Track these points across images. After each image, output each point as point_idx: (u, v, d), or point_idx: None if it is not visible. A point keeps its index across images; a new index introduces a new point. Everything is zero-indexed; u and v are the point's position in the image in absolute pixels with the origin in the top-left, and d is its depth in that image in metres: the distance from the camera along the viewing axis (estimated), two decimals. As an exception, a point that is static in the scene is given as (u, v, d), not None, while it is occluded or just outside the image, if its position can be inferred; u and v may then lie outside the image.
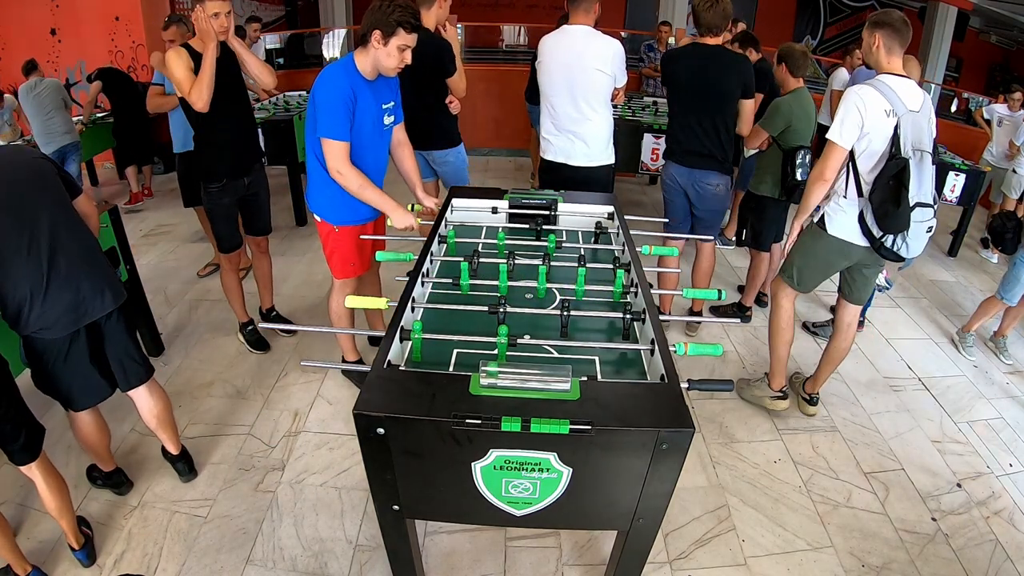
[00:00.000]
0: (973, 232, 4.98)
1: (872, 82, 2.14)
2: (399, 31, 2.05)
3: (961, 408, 2.89)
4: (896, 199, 2.11)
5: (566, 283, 1.81)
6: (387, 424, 1.20)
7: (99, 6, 5.73)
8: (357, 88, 2.14)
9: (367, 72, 2.16)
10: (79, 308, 1.81)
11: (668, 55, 2.97)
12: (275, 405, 2.67)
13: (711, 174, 2.90)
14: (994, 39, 10.75)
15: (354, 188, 2.20)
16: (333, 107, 2.10)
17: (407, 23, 2.06)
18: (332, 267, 2.51)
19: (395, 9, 2.04)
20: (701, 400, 2.78)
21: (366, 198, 2.23)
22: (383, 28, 2.04)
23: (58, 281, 1.75)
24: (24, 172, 1.78)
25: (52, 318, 1.76)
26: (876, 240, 2.23)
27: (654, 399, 1.27)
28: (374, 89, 2.21)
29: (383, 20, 2.03)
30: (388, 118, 2.34)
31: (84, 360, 1.88)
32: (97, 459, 2.15)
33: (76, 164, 4.60)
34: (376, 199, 2.24)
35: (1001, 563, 2.08)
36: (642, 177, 5.81)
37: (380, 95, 2.26)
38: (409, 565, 1.61)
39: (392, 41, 2.07)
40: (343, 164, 2.15)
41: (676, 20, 7.33)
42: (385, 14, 2.04)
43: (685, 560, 2.02)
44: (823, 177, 2.24)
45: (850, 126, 2.13)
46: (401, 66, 2.15)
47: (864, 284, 2.50)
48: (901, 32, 2.13)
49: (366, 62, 2.15)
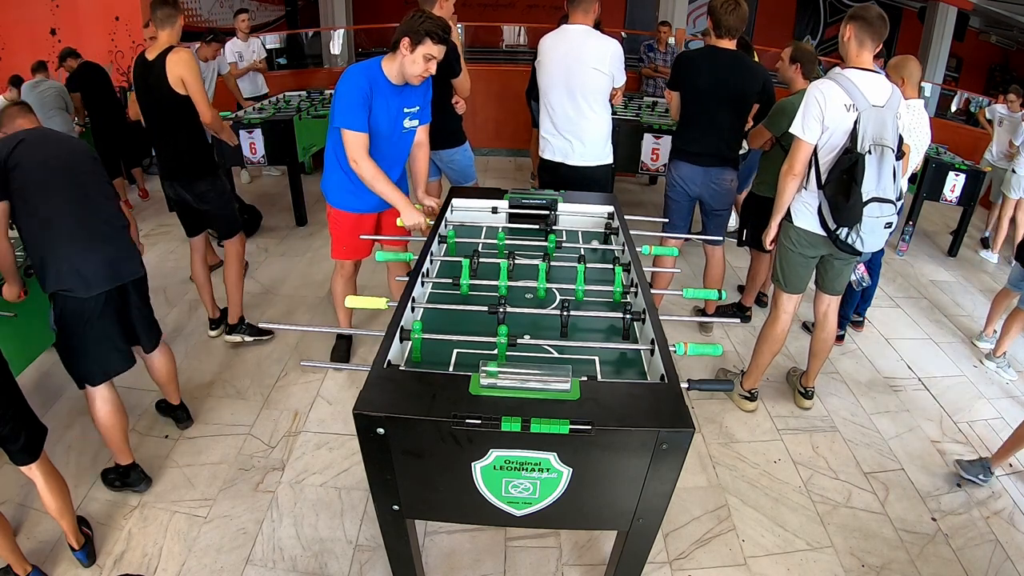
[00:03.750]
0: (973, 232, 4.98)
1: (834, 76, 2.17)
2: (427, 40, 2.15)
3: (961, 408, 2.89)
4: (847, 192, 2.13)
5: (566, 283, 1.81)
6: (387, 424, 1.20)
7: (99, 6, 5.74)
8: (376, 86, 2.23)
9: (393, 76, 2.26)
10: (115, 266, 2.01)
11: (683, 57, 2.97)
12: (275, 405, 2.67)
13: (726, 171, 2.94)
14: (994, 39, 10.75)
15: (367, 178, 2.30)
16: (349, 99, 2.21)
17: (435, 34, 2.15)
18: (332, 247, 2.68)
19: (425, 20, 2.15)
20: (701, 400, 2.78)
21: (378, 190, 2.33)
22: (412, 36, 2.14)
23: (99, 238, 1.97)
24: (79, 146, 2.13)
25: (90, 272, 1.93)
26: (831, 232, 2.26)
27: (654, 399, 1.27)
28: (399, 92, 2.30)
29: (413, 28, 2.14)
30: (410, 122, 2.42)
31: (113, 323, 2.05)
32: (116, 447, 2.15)
33: (76, 164, 4.59)
34: (388, 193, 2.33)
35: (1001, 563, 2.08)
36: (642, 177, 5.82)
37: (405, 98, 2.34)
38: (409, 565, 1.61)
39: (419, 49, 2.16)
40: (360, 154, 2.25)
41: (676, 20, 7.33)
42: (416, 23, 2.14)
43: (685, 560, 2.02)
44: (792, 172, 2.30)
45: (811, 120, 2.18)
46: (425, 75, 2.23)
47: (836, 275, 2.52)
48: (875, 27, 2.14)
49: (392, 67, 2.24)
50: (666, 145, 4.42)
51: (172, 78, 2.53)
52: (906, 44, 9.15)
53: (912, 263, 4.49)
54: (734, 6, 2.63)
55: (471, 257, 1.83)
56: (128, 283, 2.07)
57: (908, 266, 4.43)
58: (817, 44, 11.17)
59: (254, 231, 4.46)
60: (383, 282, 2.99)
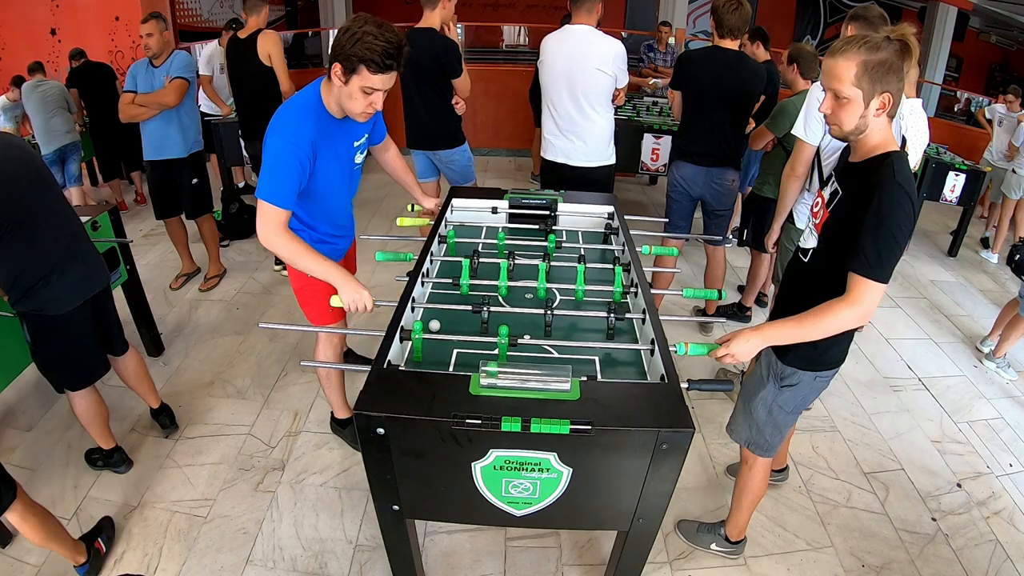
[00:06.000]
0: (973, 232, 4.98)
1: None
2: (361, 69, 1.54)
3: (961, 408, 2.89)
4: None
5: (566, 283, 1.81)
6: (387, 424, 1.20)
7: (99, 6, 5.73)
8: (321, 136, 1.72)
9: (333, 110, 1.73)
10: (89, 280, 1.99)
11: (685, 57, 2.97)
12: (275, 405, 2.67)
13: (727, 171, 2.94)
14: (994, 39, 10.75)
15: (286, 256, 1.75)
16: (283, 168, 1.65)
17: (372, 61, 1.53)
18: (310, 317, 2.11)
19: (362, 38, 1.51)
20: (701, 400, 2.78)
21: (303, 268, 1.76)
22: (343, 62, 1.56)
23: (72, 255, 1.92)
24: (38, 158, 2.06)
25: (67, 291, 1.89)
26: None
27: (654, 399, 1.27)
28: (341, 125, 1.79)
29: (345, 51, 1.54)
30: (360, 156, 1.96)
31: (89, 331, 2.03)
32: (98, 436, 2.19)
33: (76, 164, 4.59)
34: (317, 269, 1.74)
35: (1001, 563, 2.08)
36: (642, 177, 5.81)
37: (351, 131, 1.86)
38: (409, 565, 1.61)
39: (353, 81, 1.58)
40: (276, 232, 1.69)
41: (676, 20, 7.32)
42: (349, 42, 1.53)
43: (685, 560, 2.02)
44: (795, 174, 2.31)
45: (813, 121, 2.19)
46: (370, 112, 1.67)
47: None
48: (876, 28, 2.13)
49: (330, 99, 1.71)
50: (666, 145, 4.43)
51: (261, 53, 3.30)
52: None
53: (912, 263, 4.49)
54: (736, 6, 2.64)
55: (471, 257, 1.83)
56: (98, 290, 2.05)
57: (908, 266, 4.43)
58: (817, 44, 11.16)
59: (254, 231, 4.44)
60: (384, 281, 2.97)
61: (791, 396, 1.64)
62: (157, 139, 3.19)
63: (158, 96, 3.05)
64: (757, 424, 1.74)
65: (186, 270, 3.70)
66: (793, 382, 1.62)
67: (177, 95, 3.06)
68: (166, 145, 3.20)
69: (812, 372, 1.59)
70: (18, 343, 2.01)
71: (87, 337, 2.03)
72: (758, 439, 1.76)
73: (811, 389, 1.63)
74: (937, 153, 4.85)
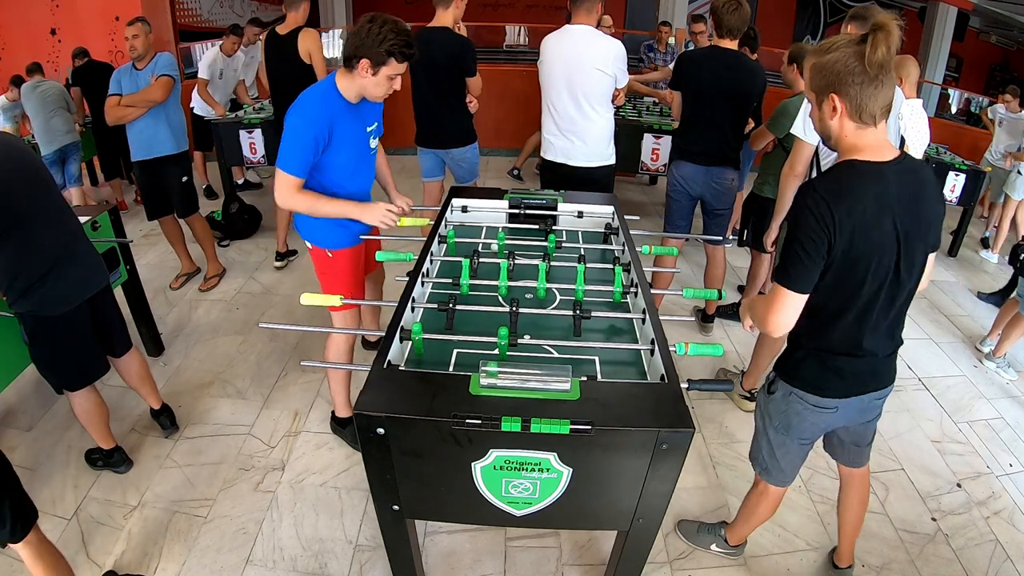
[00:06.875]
0: (973, 232, 4.98)
1: None
2: (391, 61, 1.85)
3: (961, 408, 2.89)
4: None
5: (566, 283, 1.81)
6: (387, 424, 1.20)
7: (99, 6, 5.72)
8: (336, 119, 1.93)
9: (350, 97, 1.96)
10: (88, 281, 1.99)
11: (685, 57, 2.97)
12: (275, 405, 2.67)
13: (727, 170, 2.94)
14: (994, 39, 10.76)
15: (305, 209, 1.99)
16: (300, 141, 1.89)
17: (399, 52, 1.84)
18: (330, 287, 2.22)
19: (387, 36, 1.80)
20: (701, 400, 2.78)
21: (324, 213, 2.00)
22: (372, 58, 1.83)
23: (70, 256, 1.92)
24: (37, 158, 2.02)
25: (64, 291, 1.89)
26: None
27: (654, 399, 1.27)
28: (356, 112, 2.01)
29: (372, 49, 1.81)
30: (374, 140, 2.14)
31: (87, 332, 2.03)
32: (98, 436, 2.19)
33: (77, 164, 4.59)
34: (334, 209, 1.99)
35: (1001, 563, 2.08)
36: (642, 177, 5.81)
37: (364, 118, 2.06)
38: (409, 565, 1.61)
39: (382, 71, 1.86)
40: (288, 193, 1.93)
41: (676, 20, 7.34)
42: (375, 41, 1.81)
43: (685, 560, 2.02)
44: (794, 172, 2.31)
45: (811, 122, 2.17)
46: (390, 92, 1.96)
47: None
48: None
49: (350, 88, 1.94)
50: (666, 145, 4.42)
51: (302, 51, 3.23)
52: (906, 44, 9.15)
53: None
54: (736, 6, 2.63)
55: (471, 257, 1.83)
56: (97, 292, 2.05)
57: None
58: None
59: (254, 231, 4.46)
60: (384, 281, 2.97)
61: (776, 407, 1.63)
62: (147, 138, 3.21)
63: (146, 93, 3.07)
64: (757, 435, 1.75)
65: (186, 270, 3.71)
66: (774, 388, 1.62)
67: (165, 91, 3.08)
68: (156, 142, 3.22)
69: (788, 385, 1.57)
70: (18, 343, 2.01)
71: (85, 338, 2.03)
72: (757, 456, 1.76)
73: (792, 410, 1.58)
74: (937, 153, 4.85)
